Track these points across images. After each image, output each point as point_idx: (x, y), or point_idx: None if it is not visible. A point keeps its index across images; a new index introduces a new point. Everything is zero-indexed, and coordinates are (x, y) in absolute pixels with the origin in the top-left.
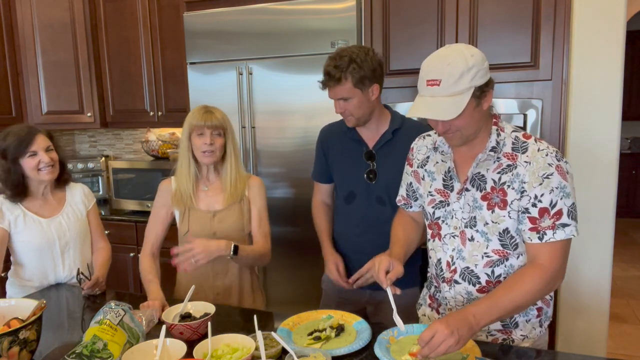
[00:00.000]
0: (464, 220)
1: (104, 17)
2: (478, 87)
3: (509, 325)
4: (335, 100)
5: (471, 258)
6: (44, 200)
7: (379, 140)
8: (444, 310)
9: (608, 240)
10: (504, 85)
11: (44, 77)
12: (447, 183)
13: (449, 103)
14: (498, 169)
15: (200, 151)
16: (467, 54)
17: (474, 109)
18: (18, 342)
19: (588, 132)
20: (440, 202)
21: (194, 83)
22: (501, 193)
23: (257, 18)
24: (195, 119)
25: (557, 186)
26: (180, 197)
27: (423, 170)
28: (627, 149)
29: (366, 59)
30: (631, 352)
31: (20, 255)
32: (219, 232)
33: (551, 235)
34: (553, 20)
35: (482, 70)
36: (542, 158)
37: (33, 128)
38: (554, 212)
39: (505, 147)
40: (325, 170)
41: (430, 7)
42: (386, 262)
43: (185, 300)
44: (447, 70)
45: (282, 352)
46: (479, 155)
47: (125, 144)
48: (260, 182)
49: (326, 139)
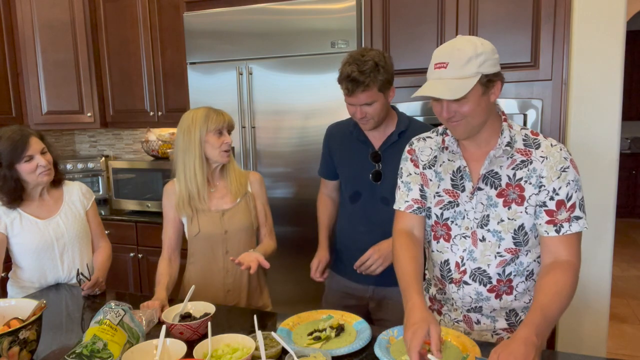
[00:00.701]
0: (476, 220)
1: (104, 17)
2: (486, 75)
3: (514, 324)
4: (357, 105)
5: (483, 258)
6: (40, 202)
7: (385, 142)
8: (446, 311)
9: (608, 240)
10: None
11: (44, 77)
12: (456, 183)
13: (455, 84)
14: (512, 165)
15: (221, 150)
16: (477, 42)
17: (480, 96)
18: (18, 342)
19: (588, 132)
20: (449, 202)
21: (194, 83)
22: (518, 189)
23: (257, 18)
24: (214, 121)
25: (572, 179)
26: (188, 201)
27: (431, 171)
28: (627, 149)
29: (387, 62)
30: (631, 352)
31: (19, 258)
32: (230, 230)
33: (567, 228)
34: (553, 20)
35: (492, 60)
36: (557, 152)
37: (25, 130)
38: (570, 205)
39: (517, 143)
40: (331, 168)
41: (430, 7)
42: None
43: (185, 300)
44: (455, 54)
45: (282, 352)
46: (491, 152)
47: (125, 144)
48: (261, 177)
49: (332, 137)
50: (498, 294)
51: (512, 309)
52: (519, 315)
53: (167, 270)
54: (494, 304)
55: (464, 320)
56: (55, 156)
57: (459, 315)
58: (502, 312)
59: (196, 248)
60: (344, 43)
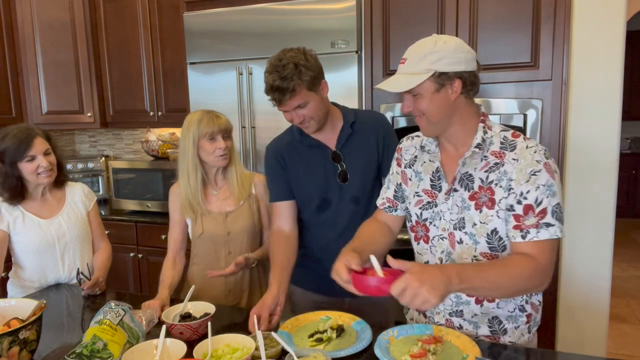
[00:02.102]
0: (452, 222)
1: (104, 17)
2: (440, 73)
3: (497, 332)
4: (290, 111)
5: (461, 261)
6: (43, 201)
7: (340, 138)
8: (431, 314)
9: (608, 240)
10: (504, 85)
11: (44, 77)
12: (434, 183)
13: (404, 79)
14: (485, 167)
15: (215, 156)
16: (440, 41)
17: (434, 93)
18: (18, 342)
19: (588, 132)
20: (428, 203)
21: (194, 83)
22: (489, 192)
23: (257, 18)
24: (206, 125)
25: (543, 184)
26: (189, 204)
27: (411, 170)
28: (627, 149)
29: (308, 59)
30: (631, 352)
31: (20, 257)
32: (232, 232)
33: (534, 235)
34: (553, 20)
35: (451, 58)
36: (530, 155)
37: (31, 130)
38: (539, 211)
39: (493, 145)
40: (286, 188)
41: (430, 7)
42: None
43: (185, 300)
44: (414, 51)
45: (282, 352)
46: (465, 154)
47: (125, 144)
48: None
49: (280, 154)
50: (478, 299)
51: (494, 316)
52: (503, 323)
53: (171, 271)
54: (475, 309)
55: (447, 325)
56: (59, 157)
57: (441, 318)
58: (484, 319)
59: (199, 249)
60: (344, 43)
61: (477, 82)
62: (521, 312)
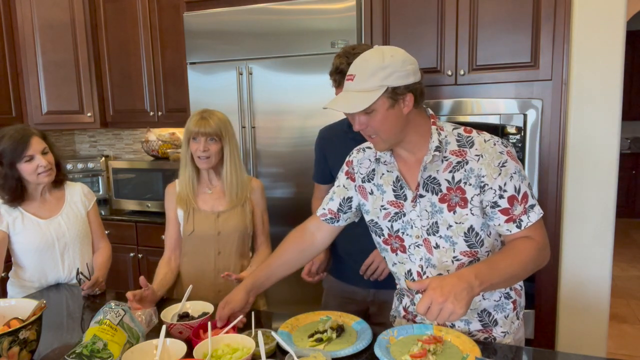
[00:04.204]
0: (424, 227)
1: (104, 17)
2: (393, 88)
3: (488, 324)
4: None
5: (442, 265)
6: (42, 201)
7: None
8: (420, 321)
9: (608, 240)
10: (504, 85)
11: (44, 77)
12: (398, 193)
13: (357, 97)
14: (448, 168)
15: (196, 156)
16: (387, 54)
17: (387, 110)
18: (18, 342)
19: (588, 132)
20: (396, 213)
21: (194, 83)
22: (459, 191)
23: (257, 18)
24: (192, 125)
25: (514, 172)
26: (184, 196)
27: (371, 184)
28: (627, 149)
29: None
30: (631, 352)
31: (20, 257)
32: (223, 232)
33: (527, 221)
34: (553, 20)
35: (400, 72)
36: (491, 148)
37: (27, 130)
38: (521, 197)
39: (450, 145)
40: (326, 172)
41: (430, 7)
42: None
43: (183, 300)
44: (362, 66)
45: (276, 349)
46: (424, 158)
47: (125, 144)
48: (262, 185)
49: (325, 140)
50: None
51: (483, 309)
52: (492, 314)
53: (164, 268)
54: None
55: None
56: (57, 156)
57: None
58: (473, 314)
59: (189, 247)
60: (344, 43)
61: (424, 91)
62: (507, 299)
